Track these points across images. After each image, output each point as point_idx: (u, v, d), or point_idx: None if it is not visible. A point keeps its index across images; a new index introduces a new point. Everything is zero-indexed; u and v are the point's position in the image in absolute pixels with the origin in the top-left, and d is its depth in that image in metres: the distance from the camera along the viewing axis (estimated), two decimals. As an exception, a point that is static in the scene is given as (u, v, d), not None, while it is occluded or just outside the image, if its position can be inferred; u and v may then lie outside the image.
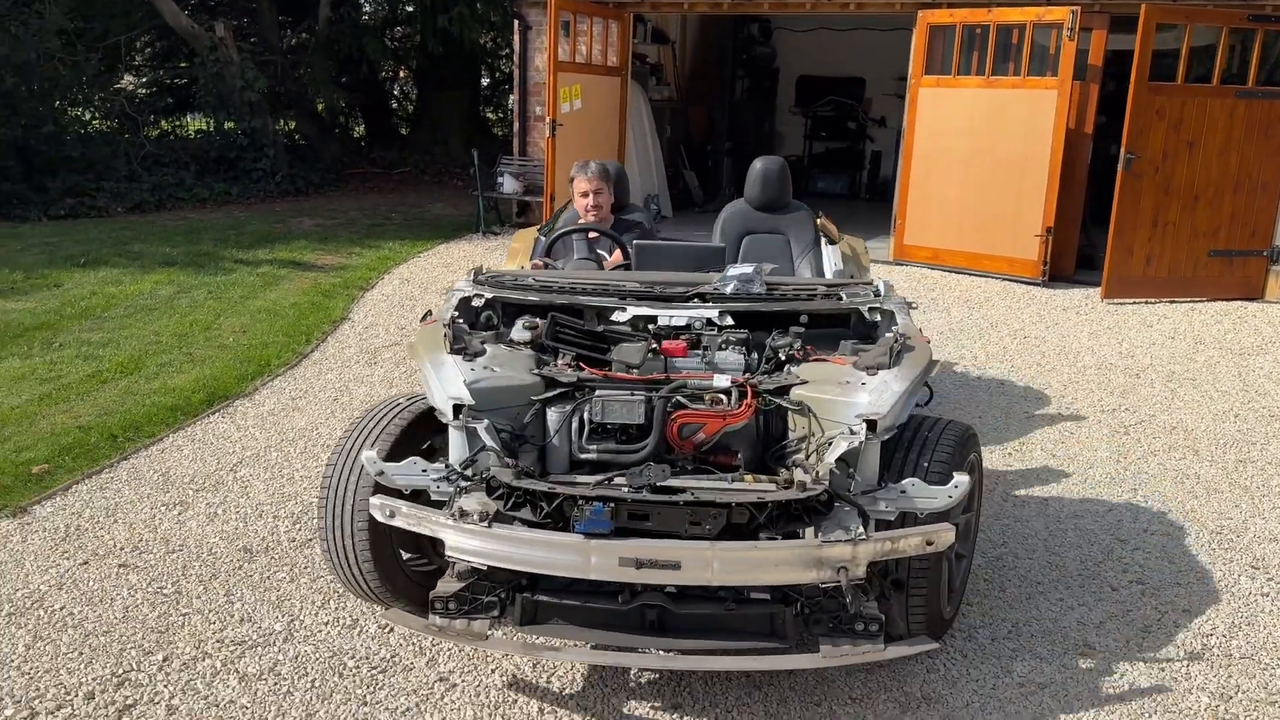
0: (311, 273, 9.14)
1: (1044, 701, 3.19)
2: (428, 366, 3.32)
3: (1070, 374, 6.69)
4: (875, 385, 3.15)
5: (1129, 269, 8.75)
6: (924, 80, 9.70)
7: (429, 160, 16.76)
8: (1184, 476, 5.02)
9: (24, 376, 5.99)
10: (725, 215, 5.38)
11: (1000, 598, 3.81)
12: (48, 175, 12.28)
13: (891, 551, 2.84)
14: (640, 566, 2.74)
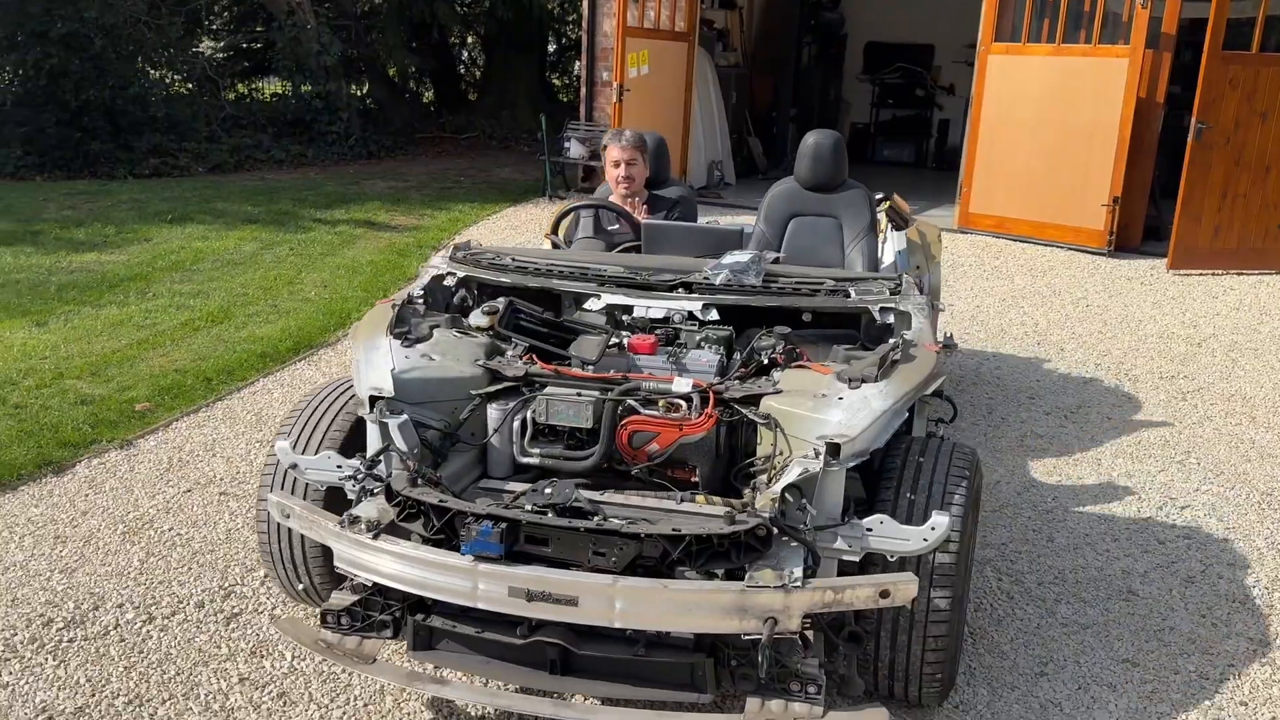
0: (386, 233, 9.45)
1: (1085, 640, 3.35)
2: (360, 349, 3.05)
3: (1131, 342, 6.74)
4: (852, 402, 2.73)
5: (1196, 239, 8.70)
6: (993, 47, 9.67)
7: (496, 125, 17.00)
8: (1239, 441, 5.10)
9: (122, 323, 6.36)
10: (771, 195, 4.82)
11: (1049, 548, 3.97)
12: (134, 135, 12.75)
13: (835, 603, 2.40)
14: (532, 599, 2.40)
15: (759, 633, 2.35)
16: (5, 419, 4.78)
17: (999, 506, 4.29)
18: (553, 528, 2.47)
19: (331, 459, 2.82)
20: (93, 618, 3.31)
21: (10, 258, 7.82)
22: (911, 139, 16.05)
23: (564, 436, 2.89)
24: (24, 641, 3.17)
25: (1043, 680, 3.14)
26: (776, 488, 2.53)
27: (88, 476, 4.35)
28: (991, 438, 5.04)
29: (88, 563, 3.65)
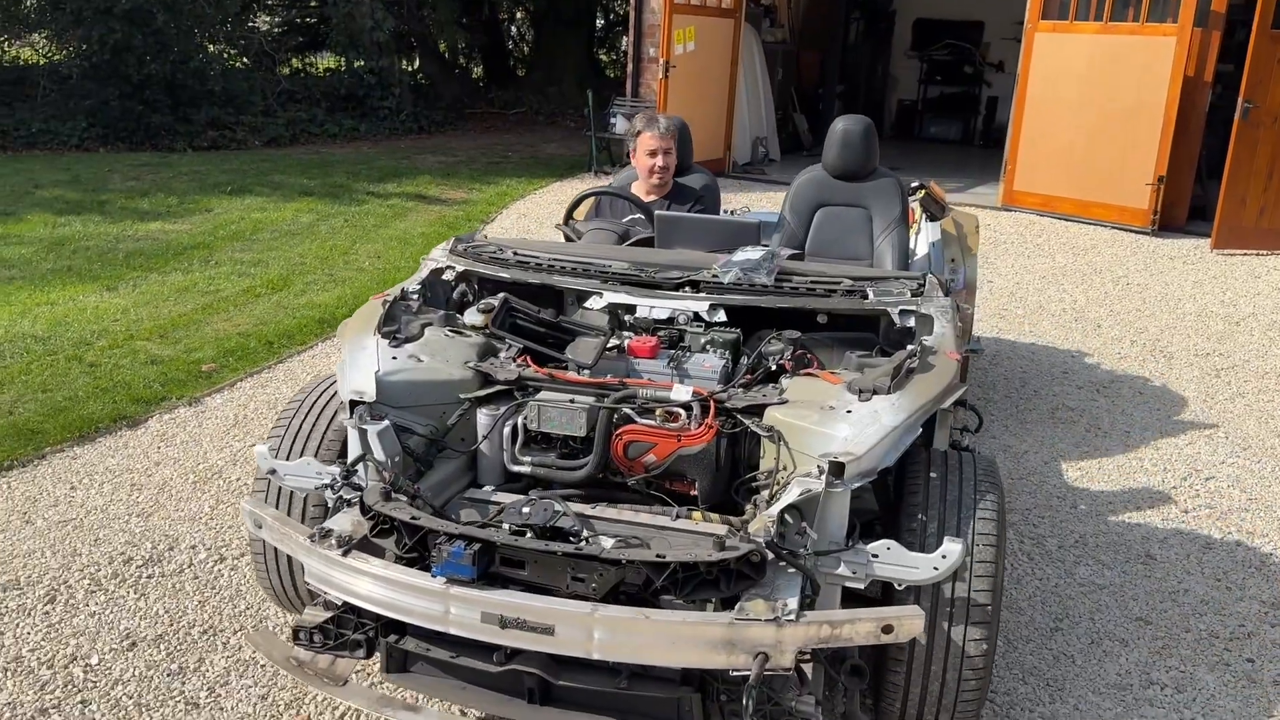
0: (436, 206, 9.70)
1: (1101, 599, 3.50)
2: (346, 348, 2.92)
3: (1169, 320, 6.80)
4: (861, 416, 2.52)
5: (1241, 219, 8.69)
6: (1040, 25, 9.68)
7: (543, 101, 17.19)
8: (1269, 417, 5.18)
9: (187, 289, 6.66)
10: (797, 184, 4.56)
11: (1072, 514, 4.11)
12: (193, 109, 13.11)
13: (832, 638, 2.21)
14: (505, 626, 2.23)
15: (749, 669, 2.17)
16: (82, 376, 5.09)
17: (1025, 474, 4.44)
18: (529, 550, 2.29)
19: (311, 465, 2.64)
20: (168, 557, 3.58)
21: (80, 225, 8.16)
22: (959, 116, 16.00)
23: (557, 445, 2.71)
24: (107, 576, 3.44)
25: (1057, 634, 3.30)
26: (774, 510, 2.36)
27: (159, 431, 4.63)
28: (1022, 409, 5.17)
29: (162, 508, 3.93)
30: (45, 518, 3.83)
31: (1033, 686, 3.04)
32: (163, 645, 3.09)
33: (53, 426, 4.52)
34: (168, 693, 2.88)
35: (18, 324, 5.78)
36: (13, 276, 6.72)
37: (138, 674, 2.96)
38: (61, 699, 2.84)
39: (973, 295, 4.95)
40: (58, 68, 13.47)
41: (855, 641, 2.22)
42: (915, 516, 2.54)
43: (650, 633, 2.19)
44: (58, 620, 3.20)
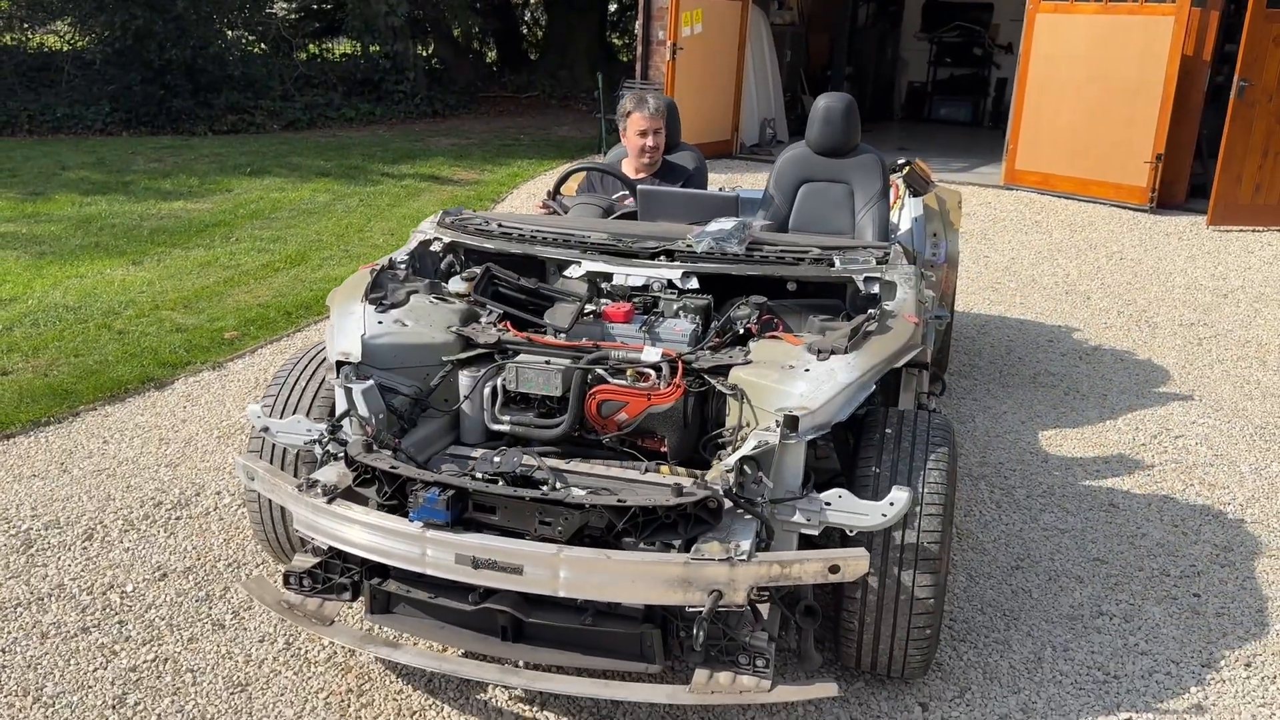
0: (449, 186, 9.97)
1: (1062, 542, 3.74)
2: (334, 313, 3.11)
3: (1158, 292, 7.00)
4: (818, 374, 2.71)
5: (1237, 196, 8.85)
6: (1041, 6, 9.84)
7: (555, 84, 17.42)
8: (1244, 382, 5.39)
9: (209, 264, 6.95)
10: (781, 160, 4.65)
11: (1042, 467, 4.34)
12: (213, 93, 13.42)
13: (781, 577, 2.39)
14: (478, 566, 2.42)
15: (702, 606, 2.34)
16: (111, 342, 5.38)
17: (1002, 432, 4.67)
18: (498, 496, 2.47)
19: (301, 423, 2.85)
20: (195, 501, 3.86)
21: (106, 204, 8.47)
22: (968, 97, 16.13)
23: (535, 404, 2.88)
24: (139, 518, 3.73)
25: (1017, 572, 3.54)
26: (731, 460, 2.54)
27: (185, 392, 4.92)
28: (1005, 374, 5.40)
29: (188, 460, 4.21)
30: (80, 467, 4.12)
31: (989, 617, 3.28)
32: (191, 576, 3.38)
33: (85, 387, 4.81)
34: (196, 615, 3.17)
35: (50, 295, 6.09)
36: (43, 252, 7.03)
37: (169, 600, 3.24)
38: (100, 620, 3.13)
39: (954, 268, 5.13)
40: (81, 54, 13.79)
41: (804, 580, 2.40)
42: (869, 469, 2.72)
43: (612, 572, 2.37)
44: (95, 554, 3.49)
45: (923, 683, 2.94)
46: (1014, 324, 6.27)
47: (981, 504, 4.00)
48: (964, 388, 5.19)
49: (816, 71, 14.88)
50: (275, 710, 2.76)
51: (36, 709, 2.75)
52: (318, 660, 2.97)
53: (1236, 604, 3.39)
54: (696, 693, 2.44)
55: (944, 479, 2.70)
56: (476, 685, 2.86)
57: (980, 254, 7.86)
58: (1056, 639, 3.17)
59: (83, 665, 2.92)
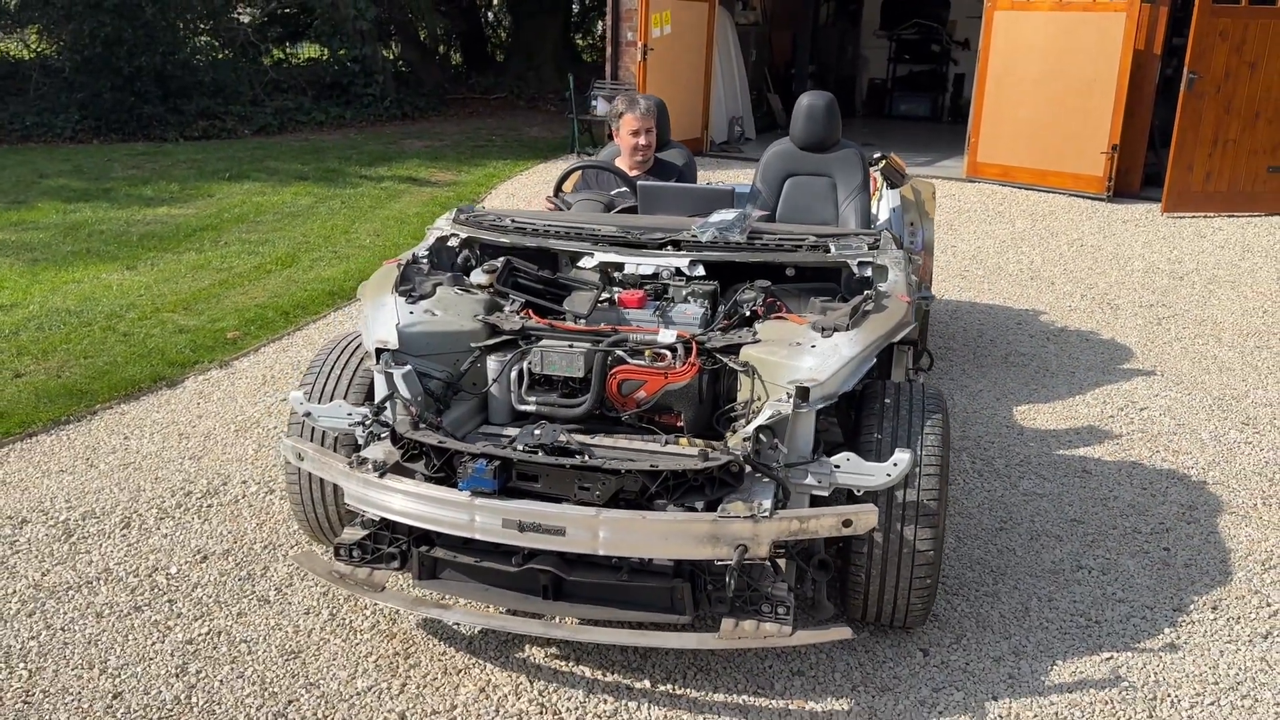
0: (427, 188, 10.14)
1: (1040, 505, 4.03)
2: (367, 305, 3.30)
3: (1118, 276, 7.35)
4: (824, 349, 2.94)
5: (1189, 184, 9.26)
6: (999, 3, 10.20)
7: (523, 86, 17.60)
8: (1202, 357, 5.73)
9: (202, 267, 7.09)
10: (768, 155, 4.98)
11: (1018, 439, 4.64)
12: (183, 99, 13.46)
13: (800, 531, 2.64)
14: (524, 530, 2.64)
15: (731, 560, 2.58)
16: (119, 344, 5.53)
17: (979, 409, 4.96)
18: (541, 464, 2.69)
19: (342, 408, 3.05)
20: (223, 490, 4.05)
21: (90, 211, 8.57)
22: (928, 93, 16.53)
23: (558, 385, 3.06)
24: (172, 507, 3.91)
25: (1001, 533, 3.82)
26: (749, 428, 2.76)
27: (196, 389, 5.09)
28: (979, 355, 5.69)
29: (210, 453, 4.39)
30: (106, 462, 4.29)
31: (979, 573, 3.56)
32: (231, 558, 3.57)
33: (100, 387, 4.97)
34: (241, 592, 3.36)
35: (50, 299, 6.21)
36: (36, 258, 7.14)
37: (213, 580, 3.43)
38: (150, 599, 3.32)
39: (930, 254, 5.42)
40: (48, 62, 13.78)
41: (820, 534, 2.65)
42: (871, 435, 2.97)
43: (647, 530, 2.60)
44: (135, 541, 3.67)
45: (922, 631, 3.20)
46: (984, 309, 6.57)
47: (964, 473, 4.28)
48: (940, 369, 5.47)
49: (780, 69, 15.19)
50: (329, 672, 2.97)
51: (104, 679, 2.93)
52: (363, 629, 3.17)
53: (1203, 556, 3.69)
54: (725, 639, 2.67)
55: (939, 442, 2.95)
56: (515, 644, 3.08)
57: (948, 244, 8.17)
58: (1041, 590, 3.45)
59: (140, 640, 3.11)
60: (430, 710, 2.82)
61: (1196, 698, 2.95)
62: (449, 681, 2.93)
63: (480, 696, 2.88)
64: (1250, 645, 3.19)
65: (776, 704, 2.89)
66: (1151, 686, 2.99)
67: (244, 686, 2.91)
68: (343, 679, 2.94)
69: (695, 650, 3.02)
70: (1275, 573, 3.59)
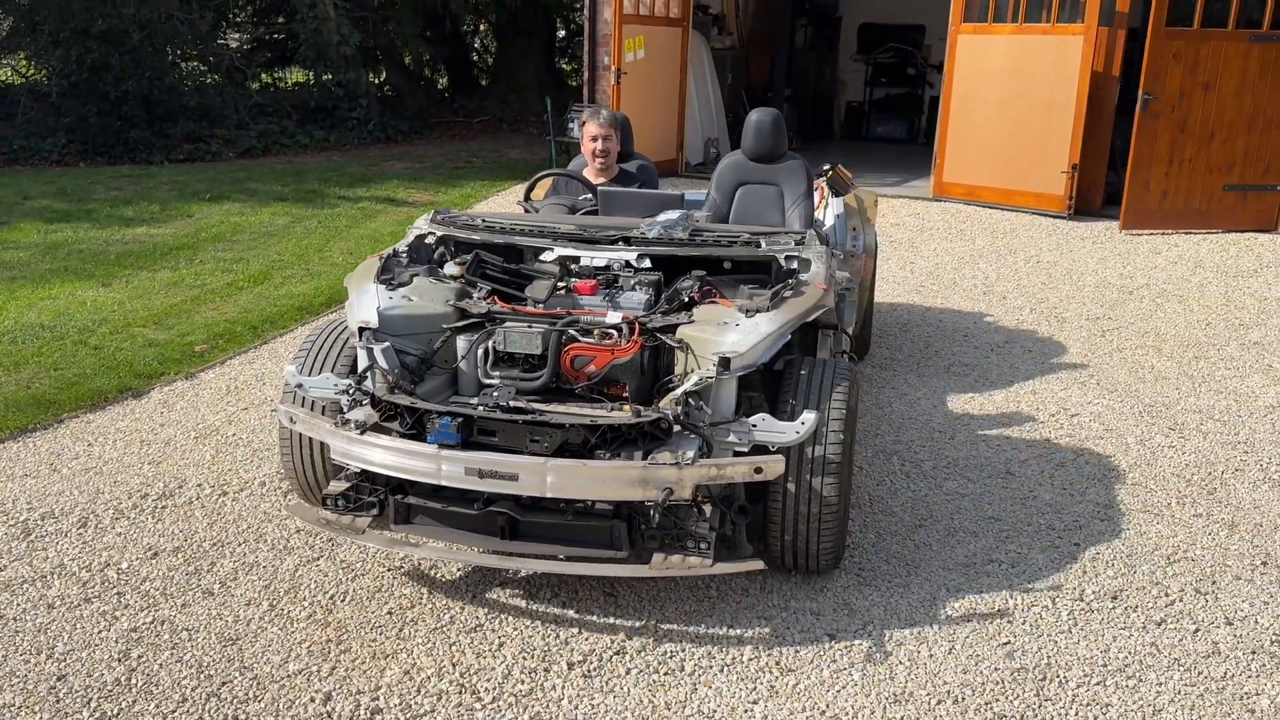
0: (404, 208, 10.35)
1: (961, 504, 4.21)
2: (352, 292, 3.73)
3: (1069, 291, 7.55)
4: (746, 327, 3.37)
5: (1146, 202, 9.49)
6: (962, 27, 10.48)
7: (506, 109, 17.87)
8: (1139, 367, 5.92)
9: (176, 284, 7.28)
10: (721, 166, 5.38)
11: (949, 443, 4.82)
12: (169, 123, 13.69)
13: (718, 476, 3.08)
14: (483, 476, 3.04)
15: (659, 500, 3.03)
16: (89, 357, 5.71)
17: (915, 415, 5.15)
18: (498, 420, 3.12)
19: (330, 379, 3.47)
20: (179, 493, 4.22)
21: (71, 231, 8.76)
22: (904, 116, 16.79)
23: (519, 362, 3.44)
24: (128, 508, 4.08)
25: (920, 530, 4.00)
26: (678, 392, 3.20)
27: (161, 399, 5.26)
28: (921, 365, 5.88)
29: (169, 458, 4.56)
30: (69, 467, 4.46)
31: (893, 566, 3.73)
32: (180, 554, 3.73)
33: (67, 398, 5.14)
34: (187, 585, 3.53)
35: (25, 315, 6.40)
36: (14, 276, 7.32)
37: (161, 574, 3.60)
38: (101, 591, 3.48)
39: (872, 257, 5.84)
40: (36, 87, 14.02)
41: (736, 479, 3.10)
42: (787, 400, 3.41)
43: (587, 475, 3.03)
44: (90, 539, 3.84)
45: (832, 618, 3.38)
46: (934, 322, 6.77)
47: (892, 475, 4.46)
48: (883, 379, 5.66)
49: (758, 92, 15.46)
50: (264, 657, 3.13)
51: (50, 663, 3.10)
52: (299, 618, 3.34)
53: (1111, 550, 3.87)
54: (655, 569, 3.11)
55: (845, 406, 3.38)
56: (441, 630, 3.26)
57: (907, 261, 8.39)
58: (951, 582, 3.63)
59: (88, 628, 3.28)
60: (356, 690, 2.99)
61: (1084, 678, 3.12)
62: (376, 665, 3.11)
63: (404, 678, 3.05)
64: (1143, 631, 3.36)
65: (685, 684, 3.05)
66: (1043, 668, 3.16)
67: (182, 670, 3.08)
68: (275, 663, 3.11)
69: (629, 579, 3.46)
70: (1178, 566, 3.77)
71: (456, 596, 3.47)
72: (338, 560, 3.69)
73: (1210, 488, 4.41)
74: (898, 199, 10.98)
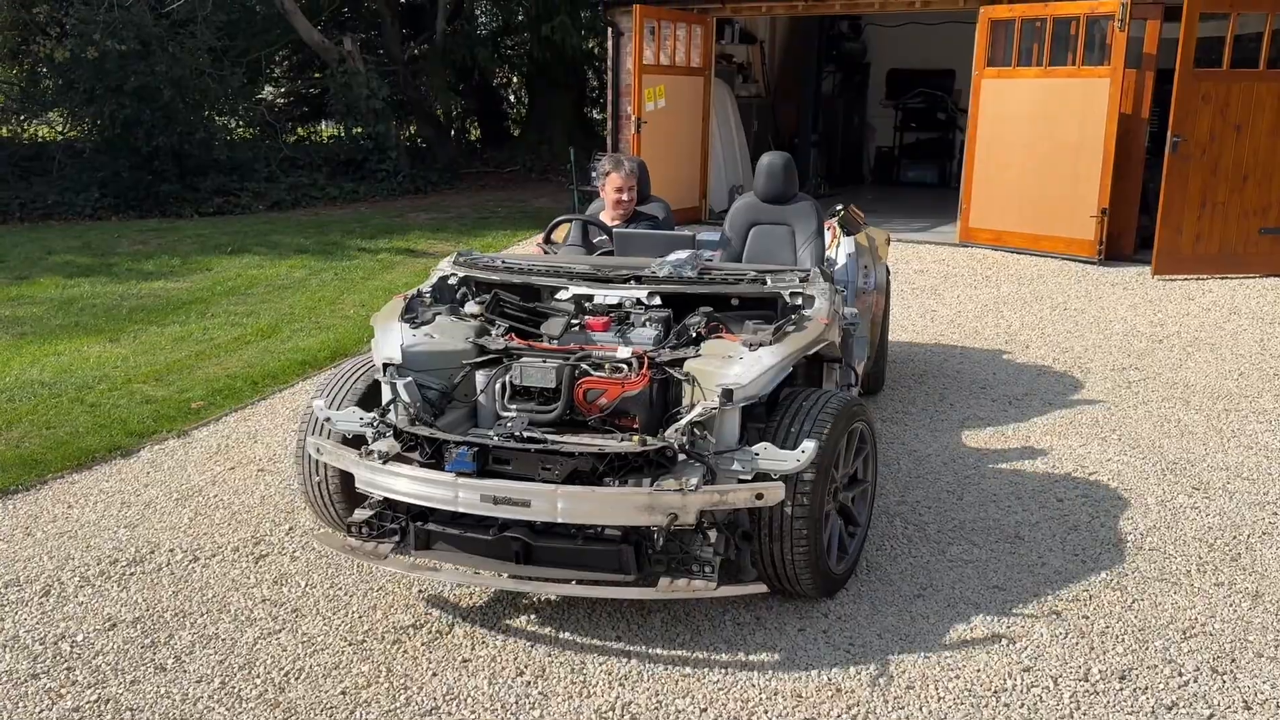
0: (423, 259, 10.31)
1: (965, 572, 3.96)
2: (378, 330, 3.92)
3: (1096, 340, 7.28)
4: (749, 360, 3.52)
5: (1178, 247, 9.19)
6: (986, 72, 10.31)
7: (536, 159, 17.95)
8: (1165, 421, 5.64)
9: (183, 338, 7.25)
10: (734, 208, 5.63)
11: (957, 504, 4.58)
12: (199, 177, 13.88)
13: (721, 502, 3.20)
14: (498, 502, 3.19)
15: (664, 526, 3.14)
16: (83, 415, 5.65)
17: (923, 472, 4.91)
18: (511, 449, 3.28)
19: (355, 413, 3.64)
20: (149, 558, 4.09)
21: (89, 286, 8.81)
22: (934, 161, 16.60)
23: (535, 395, 3.60)
24: (95, 575, 3.96)
25: (919, 600, 3.76)
26: (683, 422, 3.33)
27: (150, 459, 5.17)
28: (934, 420, 5.65)
29: (146, 520, 4.45)
30: (44, 530, 4.36)
31: (887, 640, 3.49)
32: (139, 625, 3.60)
33: (54, 457, 5.07)
34: (140, 660, 3.38)
35: (27, 372, 6.38)
36: (24, 332, 7.34)
37: (116, 647, 3.46)
38: (50, 666, 3.35)
39: (883, 293, 5.86)
40: (73, 143, 14.29)
41: (738, 505, 3.22)
42: (789, 428, 3.50)
43: (596, 501, 3.16)
44: (50, 609, 3.71)
45: (814, 701, 3.15)
46: (951, 373, 6.53)
47: (893, 538, 4.23)
48: (893, 434, 5.43)
49: (784, 139, 15.36)
50: (205, 741, 2.98)
51: (-16, 746, 2.96)
52: (250, 697, 3.18)
53: (1121, 624, 3.60)
54: (661, 591, 3.23)
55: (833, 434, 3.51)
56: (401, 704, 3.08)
57: (928, 308, 8.16)
58: (946, 660, 3.38)
59: (30, 707, 3.14)
60: (296, 779, 2.82)
61: (1085, 770, 2.87)
62: (322, 750, 2.93)
63: (349, 765, 2.87)
64: (1152, 716, 3.10)
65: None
66: (1040, 758, 2.91)
67: (119, 754, 2.92)
68: (217, 747, 2.95)
69: (636, 601, 3.58)
70: (1195, 641, 3.50)
71: (416, 674, 3.30)
72: (299, 633, 3.54)
73: (1234, 553, 4.13)
74: (924, 244, 10.76)
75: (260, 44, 16.21)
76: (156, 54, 13.13)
